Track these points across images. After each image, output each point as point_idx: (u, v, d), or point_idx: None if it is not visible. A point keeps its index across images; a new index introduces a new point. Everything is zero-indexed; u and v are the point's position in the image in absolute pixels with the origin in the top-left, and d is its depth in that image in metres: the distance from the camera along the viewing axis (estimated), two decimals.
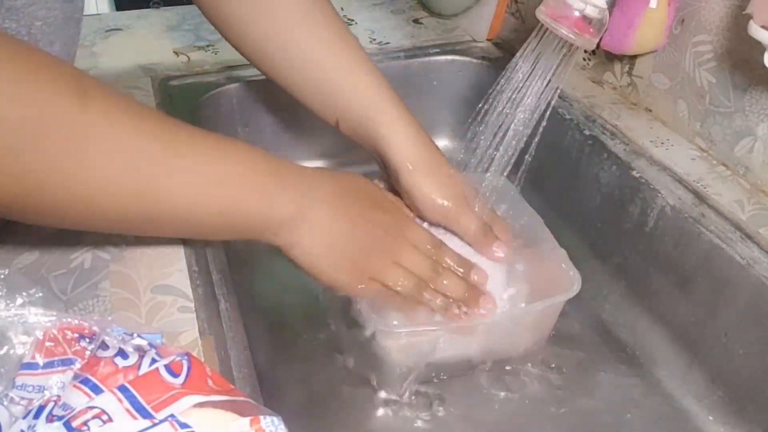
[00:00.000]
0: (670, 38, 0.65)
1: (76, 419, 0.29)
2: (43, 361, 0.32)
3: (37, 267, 0.46)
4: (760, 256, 0.52)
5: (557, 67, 0.55)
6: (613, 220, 0.66)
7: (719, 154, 0.62)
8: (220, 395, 0.32)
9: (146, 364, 0.32)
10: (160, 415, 0.29)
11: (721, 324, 0.55)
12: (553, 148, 0.72)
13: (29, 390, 0.32)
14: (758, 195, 0.58)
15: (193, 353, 0.33)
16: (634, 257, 0.64)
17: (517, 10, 0.86)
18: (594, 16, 0.52)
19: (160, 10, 0.94)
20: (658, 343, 0.62)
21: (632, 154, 0.64)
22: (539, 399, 0.58)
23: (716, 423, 0.56)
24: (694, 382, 0.58)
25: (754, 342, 0.52)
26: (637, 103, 0.71)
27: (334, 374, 0.59)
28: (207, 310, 0.44)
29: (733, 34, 0.58)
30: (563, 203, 0.73)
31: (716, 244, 0.55)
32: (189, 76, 0.76)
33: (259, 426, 0.30)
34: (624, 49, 0.67)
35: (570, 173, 0.72)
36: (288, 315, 0.65)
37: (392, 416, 0.56)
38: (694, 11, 0.62)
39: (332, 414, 0.56)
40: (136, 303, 0.43)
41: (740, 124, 0.59)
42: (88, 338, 0.33)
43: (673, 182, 0.60)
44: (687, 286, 0.58)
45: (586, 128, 0.69)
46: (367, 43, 0.86)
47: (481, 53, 0.86)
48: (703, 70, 0.62)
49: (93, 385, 0.31)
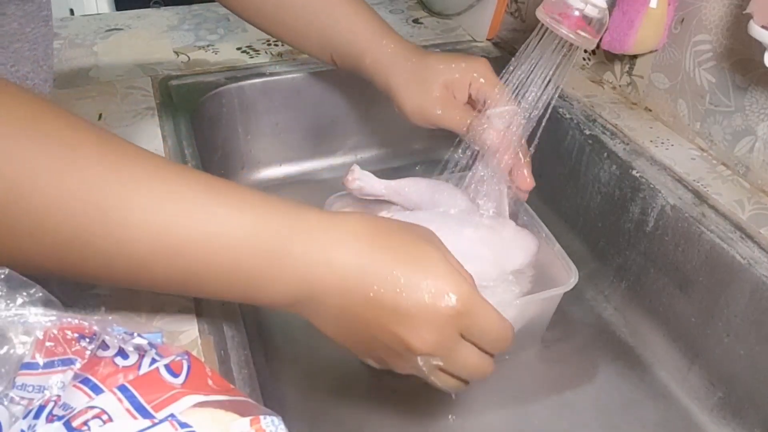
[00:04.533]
0: (670, 38, 0.65)
1: (76, 419, 0.29)
2: (43, 361, 0.32)
3: None
4: (760, 255, 0.52)
5: (557, 66, 0.55)
6: (614, 219, 0.66)
7: (719, 153, 0.62)
8: (220, 395, 0.31)
9: (146, 364, 0.32)
10: (161, 414, 0.29)
11: (721, 324, 0.55)
12: (553, 148, 0.72)
13: (29, 390, 0.32)
14: (758, 195, 0.58)
15: (193, 353, 0.33)
16: (635, 257, 0.64)
17: (517, 9, 0.86)
18: (594, 15, 0.52)
19: (160, 10, 0.94)
20: (658, 343, 0.62)
21: (632, 153, 0.64)
22: (538, 398, 0.58)
23: (716, 423, 0.56)
24: (694, 382, 0.58)
25: (755, 342, 0.52)
26: (637, 102, 0.71)
27: (334, 374, 0.59)
28: (207, 310, 0.44)
29: (733, 34, 0.58)
30: (563, 203, 0.73)
31: (716, 243, 0.55)
32: (189, 76, 0.76)
33: (259, 426, 0.30)
34: (624, 49, 0.67)
35: (570, 173, 0.72)
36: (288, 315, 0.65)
37: (392, 415, 0.56)
38: (694, 11, 0.62)
39: (332, 414, 0.56)
40: (136, 303, 0.43)
41: (740, 123, 0.59)
42: (88, 338, 0.33)
43: (673, 182, 0.60)
44: (687, 286, 0.58)
45: (587, 128, 0.69)
46: None
47: (481, 53, 0.86)
48: (703, 70, 0.62)
49: (93, 385, 0.31)
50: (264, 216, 0.37)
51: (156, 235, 0.35)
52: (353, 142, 0.86)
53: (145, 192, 0.35)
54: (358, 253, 0.38)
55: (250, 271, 0.37)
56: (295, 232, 0.37)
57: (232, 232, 0.36)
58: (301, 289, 0.38)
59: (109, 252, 0.35)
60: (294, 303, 0.39)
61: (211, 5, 0.95)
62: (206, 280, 0.37)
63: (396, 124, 0.79)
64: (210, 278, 0.37)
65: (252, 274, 0.37)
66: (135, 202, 0.34)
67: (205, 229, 0.35)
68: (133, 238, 0.34)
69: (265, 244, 0.36)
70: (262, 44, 0.84)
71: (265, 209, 0.37)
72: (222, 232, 0.36)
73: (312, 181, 0.83)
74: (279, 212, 0.37)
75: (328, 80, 0.80)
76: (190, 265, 0.36)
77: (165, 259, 0.35)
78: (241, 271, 0.37)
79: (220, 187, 0.37)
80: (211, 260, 0.36)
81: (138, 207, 0.34)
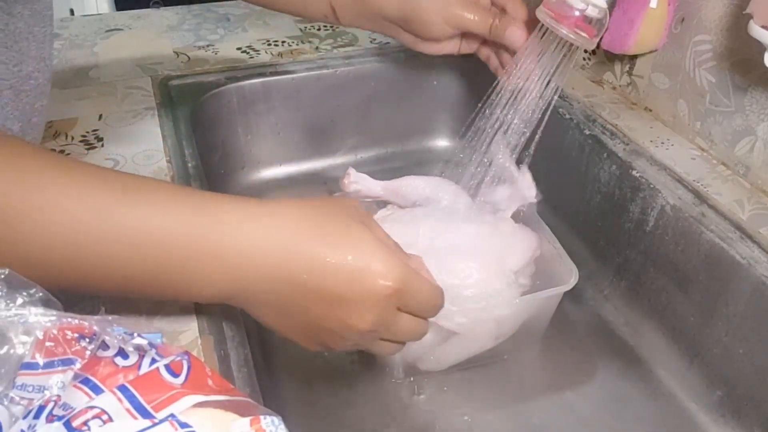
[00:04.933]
0: (670, 38, 0.65)
1: (77, 419, 0.29)
2: (43, 361, 0.32)
3: None
4: (760, 255, 0.52)
5: (557, 66, 0.55)
6: (614, 219, 0.66)
7: (719, 153, 0.62)
8: (220, 395, 0.31)
9: (146, 364, 0.32)
10: (161, 414, 0.29)
11: (721, 323, 0.55)
12: (553, 148, 0.72)
13: (29, 390, 0.32)
14: (758, 195, 0.58)
15: (193, 353, 0.33)
16: (635, 257, 0.64)
17: None
18: (594, 16, 0.52)
19: (160, 10, 0.94)
20: (658, 343, 0.62)
21: (632, 153, 0.64)
22: (538, 397, 0.58)
23: (716, 423, 0.56)
24: (694, 382, 0.58)
25: (754, 342, 0.52)
26: (637, 102, 0.71)
27: (334, 374, 0.59)
28: (207, 310, 0.44)
29: (733, 34, 0.58)
30: (563, 203, 0.73)
31: (716, 243, 0.55)
32: (189, 76, 0.76)
33: (259, 426, 0.30)
34: (624, 49, 0.67)
35: (570, 173, 0.71)
36: None
37: (392, 414, 0.56)
38: (694, 10, 0.62)
39: (332, 414, 0.56)
40: (136, 303, 0.43)
41: (740, 123, 0.59)
42: (88, 338, 0.33)
43: (673, 182, 0.60)
44: (687, 285, 0.58)
45: (587, 128, 0.69)
46: (367, 43, 0.86)
47: None
48: (703, 70, 0.62)
49: (93, 385, 0.31)
50: (189, 211, 0.37)
51: (74, 236, 0.34)
52: (353, 142, 0.86)
53: (55, 193, 0.34)
54: (285, 241, 0.37)
55: (181, 268, 0.36)
56: (221, 226, 0.37)
57: (156, 229, 0.36)
58: (234, 283, 0.37)
59: (29, 255, 0.34)
60: (230, 297, 0.39)
61: (211, 5, 0.95)
62: (139, 280, 0.37)
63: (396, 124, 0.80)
64: (142, 278, 0.37)
65: (183, 271, 0.36)
66: (48, 204, 0.34)
67: (125, 229, 0.35)
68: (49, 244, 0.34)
69: (192, 240, 0.36)
70: (262, 44, 0.84)
71: (191, 204, 0.37)
72: (146, 231, 0.35)
73: (312, 181, 0.83)
74: (205, 207, 0.37)
75: (328, 80, 0.80)
76: (117, 267, 0.36)
77: (88, 260, 0.35)
78: (172, 268, 0.36)
79: (141, 184, 0.37)
80: (139, 260, 0.36)
81: (49, 209, 0.34)
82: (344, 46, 0.85)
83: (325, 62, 0.81)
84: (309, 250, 0.37)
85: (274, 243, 0.37)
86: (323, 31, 0.89)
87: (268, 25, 0.90)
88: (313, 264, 0.37)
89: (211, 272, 0.37)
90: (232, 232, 0.37)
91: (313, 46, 0.84)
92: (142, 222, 0.35)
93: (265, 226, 0.37)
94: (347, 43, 0.86)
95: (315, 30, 0.90)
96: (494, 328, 0.55)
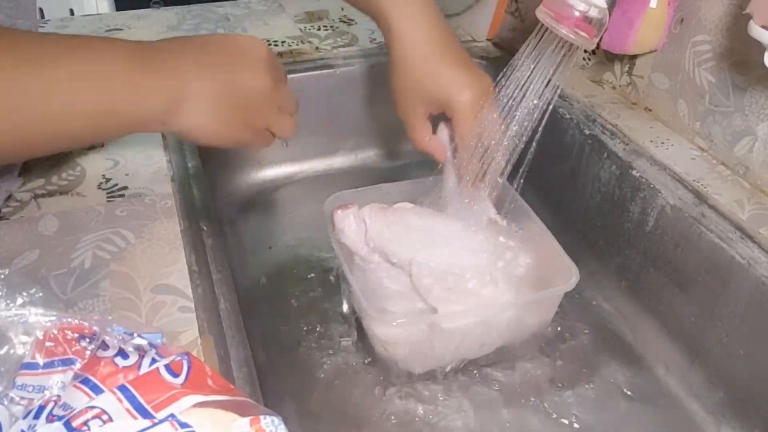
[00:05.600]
0: (670, 38, 0.65)
1: (77, 419, 0.29)
2: (43, 361, 0.32)
3: (37, 267, 0.46)
4: (760, 255, 0.52)
5: (557, 66, 0.55)
6: (614, 219, 0.66)
7: (719, 153, 0.62)
8: (220, 395, 0.32)
9: (146, 364, 0.32)
10: (161, 414, 0.29)
11: (721, 324, 0.55)
12: (553, 148, 0.72)
13: (29, 390, 0.32)
14: (758, 195, 0.58)
15: (193, 353, 0.33)
16: (635, 257, 0.64)
17: (516, 9, 0.86)
18: (594, 16, 0.52)
19: (160, 10, 0.94)
20: (658, 343, 0.62)
21: (632, 153, 0.64)
22: (538, 397, 0.58)
23: (716, 423, 0.56)
24: (694, 382, 0.58)
25: (755, 342, 0.52)
26: (637, 102, 0.71)
27: (334, 373, 0.59)
28: (207, 309, 0.44)
29: (733, 34, 0.58)
30: (563, 203, 0.73)
31: (716, 243, 0.55)
32: None
33: (259, 426, 0.30)
34: (624, 49, 0.67)
35: (570, 173, 0.72)
36: (287, 315, 0.65)
37: (393, 413, 0.56)
38: (694, 11, 0.62)
39: (332, 413, 0.56)
40: (136, 303, 0.43)
41: (740, 123, 0.59)
42: (88, 338, 0.33)
43: (673, 182, 0.60)
44: (687, 285, 0.58)
45: (586, 128, 0.69)
46: (367, 43, 0.86)
47: (481, 53, 0.86)
48: (703, 70, 0.62)
49: (93, 385, 0.31)
50: (128, 49, 0.42)
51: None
52: (353, 142, 0.86)
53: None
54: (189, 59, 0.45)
55: (121, 94, 0.41)
56: (160, 52, 0.44)
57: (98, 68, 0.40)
58: (171, 94, 0.43)
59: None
60: (168, 111, 0.43)
61: (211, 5, 0.95)
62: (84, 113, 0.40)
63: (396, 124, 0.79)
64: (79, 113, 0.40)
65: (121, 97, 0.41)
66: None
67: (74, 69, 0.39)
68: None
69: (133, 68, 0.41)
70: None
71: (127, 47, 0.42)
72: (90, 70, 0.40)
73: (312, 180, 0.83)
74: (141, 46, 0.43)
75: (328, 80, 0.80)
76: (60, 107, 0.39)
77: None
78: (112, 100, 0.41)
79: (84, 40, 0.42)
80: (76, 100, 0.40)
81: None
82: (344, 46, 0.85)
83: (325, 62, 0.81)
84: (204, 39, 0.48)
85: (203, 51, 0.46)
86: (323, 31, 0.89)
87: (268, 25, 0.90)
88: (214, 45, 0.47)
89: (157, 89, 0.42)
90: (174, 52, 0.44)
91: (313, 46, 0.84)
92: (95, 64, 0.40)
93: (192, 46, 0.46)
94: (347, 43, 0.86)
95: (315, 30, 0.90)
96: (484, 332, 0.56)
